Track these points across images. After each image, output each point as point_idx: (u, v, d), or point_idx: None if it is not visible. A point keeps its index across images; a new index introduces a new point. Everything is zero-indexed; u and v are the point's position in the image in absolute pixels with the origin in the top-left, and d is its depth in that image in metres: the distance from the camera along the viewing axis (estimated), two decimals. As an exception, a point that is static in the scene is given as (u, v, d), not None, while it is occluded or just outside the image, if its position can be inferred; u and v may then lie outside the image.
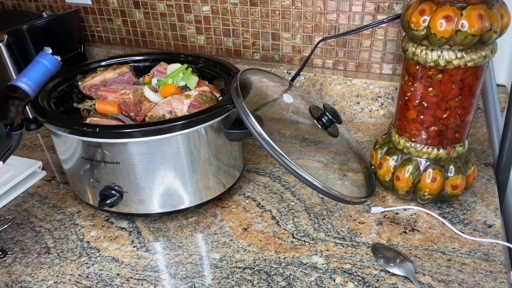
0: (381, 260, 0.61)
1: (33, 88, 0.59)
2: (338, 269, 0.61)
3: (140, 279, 0.61)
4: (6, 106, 0.56)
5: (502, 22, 0.58)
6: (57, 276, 0.63)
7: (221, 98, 0.74)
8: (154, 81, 0.78)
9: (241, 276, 0.61)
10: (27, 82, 0.59)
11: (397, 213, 0.70)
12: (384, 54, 0.93)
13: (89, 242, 0.68)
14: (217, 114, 0.65)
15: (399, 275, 0.59)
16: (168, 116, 0.69)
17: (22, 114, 0.58)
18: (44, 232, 0.71)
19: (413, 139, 0.68)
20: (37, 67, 0.60)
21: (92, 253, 0.66)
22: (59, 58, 0.62)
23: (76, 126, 0.63)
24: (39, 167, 0.84)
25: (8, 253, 0.67)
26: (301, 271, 0.61)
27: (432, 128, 0.66)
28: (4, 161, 0.58)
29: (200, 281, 0.60)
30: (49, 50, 0.61)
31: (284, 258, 0.63)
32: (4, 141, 0.56)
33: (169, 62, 0.83)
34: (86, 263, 0.65)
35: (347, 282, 0.59)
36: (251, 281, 0.60)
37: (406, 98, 0.67)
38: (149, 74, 0.82)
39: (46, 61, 0.61)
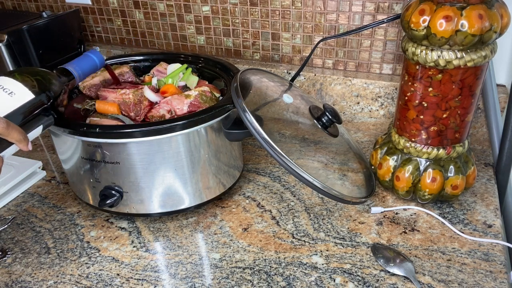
0: (381, 260, 0.61)
1: (80, 75, 0.65)
2: (338, 269, 0.61)
3: (140, 279, 0.61)
4: (53, 81, 0.59)
5: (502, 22, 0.58)
6: (57, 276, 0.63)
7: (221, 98, 0.74)
8: (154, 81, 0.78)
9: (241, 276, 0.61)
10: (75, 68, 0.65)
11: (397, 213, 0.70)
12: (384, 54, 0.93)
13: (89, 242, 0.68)
14: (217, 114, 0.65)
15: (399, 275, 0.59)
16: (168, 116, 0.69)
17: (66, 96, 0.62)
18: (44, 232, 0.71)
19: (413, 139, 0.68)
20: (86, 60, 0.67)
21: (92, 253, 0.66)
22: (105, 56, 0.69)
23: (76, 126, 0.63)
24: (39, 167, 0.84)
25: (8, 253, 0.67)
26: (301, 271, 0.61)
27: (432, 128, 0.66)
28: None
29: (200, 281, 0.60)
30: (97, 49, 0.70)
31: (284, 258, 0.63)
32: (44, 113, 0.57)
33: (169, 62, 0.83)
34: (86, 263, 0.65)
35: (347, 282, 0.59)
36: (251, 281, 0.60)
37: (406, 98, 0.67)
38: (149, 74, 0.82)
39: (94, 56, 0.67)
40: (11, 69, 0.96)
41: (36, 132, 0.57)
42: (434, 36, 0.59)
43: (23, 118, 0.54)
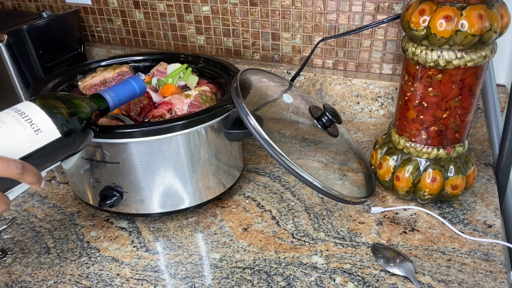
0: (381, 260, 0.61)
1: (115, 102, 0.60)
2: (338, 269, 0.61)
3: (140, 279, 0.61)
4: (84, 113, 0.55)
5: (502, 22, 0.58)
6: (57, 276, 0.63)
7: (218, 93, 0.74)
8: (154, 81, 0.78)
9: (241, 276, 0.61)
10: (112, 96, 0.60)
11: (397, 213, 0.70)
12: (384, 54, 0.93)
13: (89, 242, 0.68)
14: (217, 114, 0.65)
15: (399, 275, 0.59)
16: (168, 116, 0.69)
17: (96, 121, 0.58)
18: (44, 232, 0.71)
19: (413, 139, 0.68)
20: (126, 87, 0.62)
21: (92, 253, 0.66)
22: (147, 86, 0.62)
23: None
24: (39, 167, 0.84)
25: (8, 253, 0.67)
26: (301, 271, 0.61)
27: (432, 128, 0.66)
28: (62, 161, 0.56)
29: (200, 281, 0.60)
30: (142, 76, 0.63)
31: (284, 258, 0.63)
32: (77, 138, 0.54)
33: (169, 62, 0.83)
34: (86, 263, 0.65)
35: (347, 282, 0.59)
36: (251, 281, 0.60)
37: (406, 98, 0.67)
38: (149, 74, 0.82)
39: (136, 84, 0.62)
40: (11, 69, 0.96)
41: (53, 166, 0.54)
42: (434, 36, 0.59)
43: (44, 159, 0.51)
